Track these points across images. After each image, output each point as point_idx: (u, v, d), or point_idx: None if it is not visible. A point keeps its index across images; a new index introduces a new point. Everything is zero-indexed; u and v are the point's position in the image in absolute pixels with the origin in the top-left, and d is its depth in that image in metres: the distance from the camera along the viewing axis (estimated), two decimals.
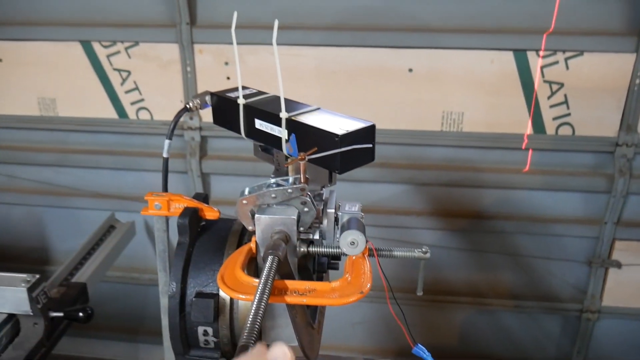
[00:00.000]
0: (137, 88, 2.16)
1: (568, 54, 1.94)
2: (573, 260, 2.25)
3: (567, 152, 2.09)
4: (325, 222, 0.90)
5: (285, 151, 0.90)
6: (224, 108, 1.00)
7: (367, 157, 0.86)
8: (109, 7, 2.08)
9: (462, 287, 2.36)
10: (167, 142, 1.05)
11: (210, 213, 0.94)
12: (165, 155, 1.06)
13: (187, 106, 1.06)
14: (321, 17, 2.00)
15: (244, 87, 0.97)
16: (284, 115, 0.88)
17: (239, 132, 0.97)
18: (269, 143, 0.93)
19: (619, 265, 2.20)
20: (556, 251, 2.25)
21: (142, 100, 2.18)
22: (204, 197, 1.00)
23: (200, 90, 2.10)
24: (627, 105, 1.98)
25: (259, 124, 0.93)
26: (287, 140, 0.89)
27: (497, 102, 2.03)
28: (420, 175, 2.17)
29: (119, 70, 2.15)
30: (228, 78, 2.06)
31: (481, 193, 2.19)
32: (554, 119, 2.04)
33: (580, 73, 1.96)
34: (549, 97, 2.01)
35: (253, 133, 0.96)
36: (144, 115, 2.20)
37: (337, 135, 0.80)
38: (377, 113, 2.08)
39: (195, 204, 0.95)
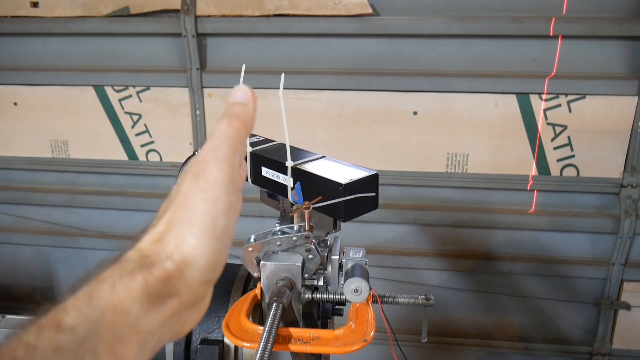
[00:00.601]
0: (147, 131, 2.21)
1: (570, 97, 1.97)
2: (582, 302, 2.23)
3: (572, 193, 2.10)
4: (329, 268, 0.91)
5: (290, 199, 0.92)
6: None
7: (370, 205, 0.88)
8: (121, 53, 2.15)
9: (470, 329, 2.34)
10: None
11: None
12: None
13: (196, 152, 1.09)
14: (328, 61, 2.06)
15: (251, 135, 1.00)
16: (289, 163, 0.90)
17: (246, 179, 0.99)
18: (275, 190, 0.95)
19: (628, 307, 2.18)
20: (565, 292, 2.24)
21: (151, 142, 2.22)
22: None
23: (209, 133, 2.14)
24: (631, 147, 2.00)
25: (266, 172, 0.95)
26: (292, 188, 0.91)
27: (502, 144, 2.06)
28: (425, 216, 2.18)
29: (130, 114, 2.20)
30: None
31: (487, 234, 2.20)
32: (558, 160, 2.05)
33: (583, 115, 1.99)
34: (552, 139, 2.03)
35: (259, 180, 0.98)
36: (153, 157, 2.25)
37: (340, 185, 0.82)
38: (383, 155, 2.11)
39: None
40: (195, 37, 2.03)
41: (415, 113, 2.05)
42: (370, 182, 0.87)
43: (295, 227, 0.86)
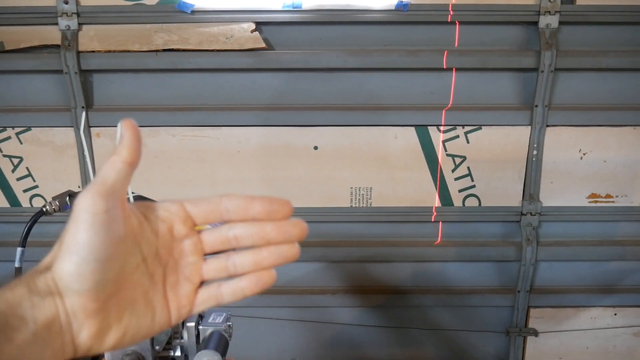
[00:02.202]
0: (30, 174, 2.03)
1: (467, 128, 1.99)
2: (492, 331, 2.23)
3: (475, 223, 2.11)
4: (185, 336, 0.81)
5: None
6: None
7: None
8: None
9: None
10: (19, 250, 0.95)
11: None
12: (17, 264, 0.95)
13: (44, 209, 0.97)
14: (223, 97, 1.97)
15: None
16: None
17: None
18: None
19: (535, 333, 2.20)
20: (475, 322, 2.23)
21: (35, 187, 2.05)
22: None
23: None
24: (527, 175, 2.03)
25: None
26: None
27: (404, 177, 2.04)
28: (333, 253, 2.11)
29: (9, 157, 2.02)
30: None
31: (396, 267, 2.16)
32: (460, 190, 2.06)
33: (480, 146, 2.01)
34: (453, 170, 2.03)
35: None
36: (38, 203, 2.06)
37: None
38: (286, 192, 2.04)
39: None
40: (79, 73, 1.89)
41: (315, 148, 2.00)
42: None
43: None
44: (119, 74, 1.95)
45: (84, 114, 1.93)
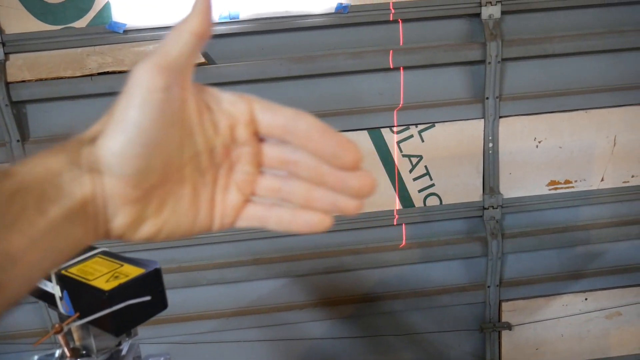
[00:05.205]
0: None
1: (421, 127, 1.95)
2: (466, 330, 2.20)
3: (438, 222, 2.07)
4: None
5: (62, 310, 0.75)
6: None
7: (156, 306, 0.72)
8: None
9: None
10: None
11: None
12: None
13: None
14: None
15: None
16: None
17: None
18: (46, 300, 0.77)
19: (509, 326, 2.17)
20: (448, 322, 2.19)
21: None
22: None
23: None
24: (485, 168, 2.01)
25: None
26: (61, 298, 0.74)
27: None
28: (297, 267, 2.05)
29: None
30: None
31: (363, 275, 2.11)
32: (420, 191, 2.02)
33: (435, 144, 1.97)
34: (410, 171, 1.99)
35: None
36: None
37: (104, 292, 0.66)
38: None
39: None
40: (10, 106, 1.79)
41: None
42: (149, 281, 0.71)
43: (57, 353, 0.68)
44: (54, 103, 1.86)
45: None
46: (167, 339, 2.02)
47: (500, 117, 1.95)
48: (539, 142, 2.00)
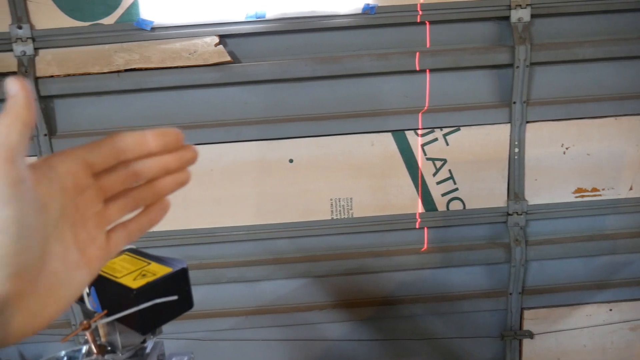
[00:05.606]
0: None
1: (446, 130, 1.93)
2: (487, 336, 2.17)
3: (461, 227, 2.04)
4: None
5: (89, 306, 0.75)
6: None
7: (180, 306, 0.72)
8: None
9: None
10: None
11: None
12: None
13: None
14: (190, 114, 1.90)
15: None
16: None
17: None
18: None
19: (531, 335, 2.14)
20: (469, 328, 2.16)
21: None
22: None
23: None
24: (511, 174, 1.97)
25: None
26: (88, 294, 0.74)
27: (384, 184, 1.97)
28: (317, 267, 2.04)
29: None
30: None
31: (383, 278, 2.09)
32: (443, 194, 1.99)
33: (460, 147, 1.95)
34: (434, 174, 1.97)
35: None
36: None
37: (132, 290, 0.66)
38: (263, 208, 1.96)
39: None
40: (38, 100, 1.82)
41: (291, 161, 1.93)
42: (176, 280, 0.71)
43: (84, 349, 0.69)
44: (81, 98, 1.88)
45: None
46: (188, 335, 2.03)
47: (528, 122, 1.92)
48: (567, 148, 1.97)
